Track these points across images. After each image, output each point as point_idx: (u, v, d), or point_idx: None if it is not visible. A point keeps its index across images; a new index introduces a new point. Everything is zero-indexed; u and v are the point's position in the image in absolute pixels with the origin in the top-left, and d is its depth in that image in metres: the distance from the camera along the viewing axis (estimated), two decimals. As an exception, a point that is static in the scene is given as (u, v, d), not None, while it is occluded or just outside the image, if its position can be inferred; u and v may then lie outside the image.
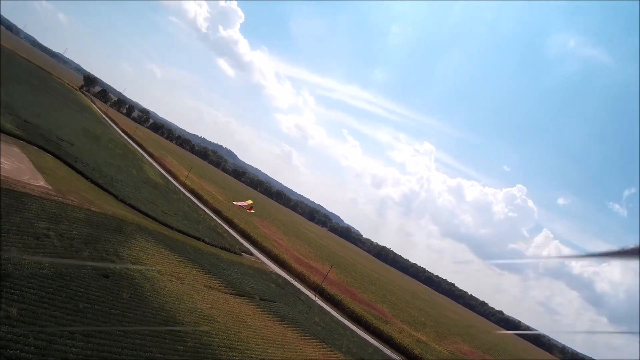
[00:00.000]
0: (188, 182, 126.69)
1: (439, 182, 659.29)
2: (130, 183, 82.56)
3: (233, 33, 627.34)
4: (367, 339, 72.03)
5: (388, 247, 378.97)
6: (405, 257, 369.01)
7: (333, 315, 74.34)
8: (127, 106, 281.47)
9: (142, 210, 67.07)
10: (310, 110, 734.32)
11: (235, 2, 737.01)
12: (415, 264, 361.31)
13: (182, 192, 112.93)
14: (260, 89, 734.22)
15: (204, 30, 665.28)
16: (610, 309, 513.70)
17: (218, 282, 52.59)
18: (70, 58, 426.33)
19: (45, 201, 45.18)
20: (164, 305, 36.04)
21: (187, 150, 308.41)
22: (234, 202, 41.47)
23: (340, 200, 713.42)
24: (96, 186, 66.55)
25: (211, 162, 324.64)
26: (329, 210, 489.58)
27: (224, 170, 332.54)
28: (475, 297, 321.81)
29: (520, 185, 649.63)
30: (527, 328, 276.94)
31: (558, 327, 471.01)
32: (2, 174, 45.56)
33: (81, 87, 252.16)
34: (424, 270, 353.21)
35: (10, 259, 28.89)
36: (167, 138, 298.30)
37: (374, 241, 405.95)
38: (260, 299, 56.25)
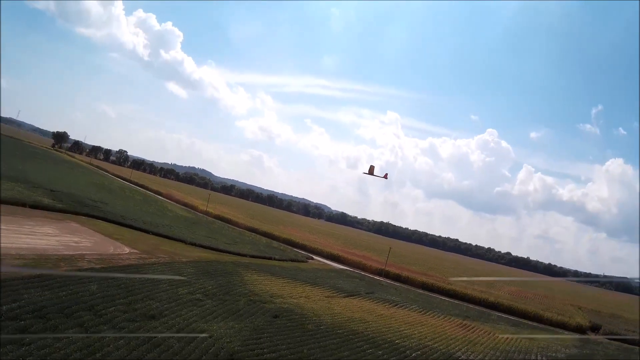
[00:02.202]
0: (210, 210, 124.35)
1: (411, 147, 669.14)
2: (178, 224, 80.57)
3: (176, 54, 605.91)
4: (447, 299, 76.49)
5: (386, 221, 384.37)
6: (404, 226, 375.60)
7: (414, 290, 76.74)
8: (103, 151, 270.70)
9: (213, 247, 65.89)
10: (269, 110, 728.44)
11: (170, 23, 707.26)
12: (417, 230, 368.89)
13: (213, 220, 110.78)
14: (215, 102, 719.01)
15: (146, 58, 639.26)
16: (607, 224, 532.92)
17: (328, 290, 53.36)
18: (23, 120, 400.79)
19: (156, 266, 43.64)
20: (333, 325, 36.22)
21: (172, 179, 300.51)
22: (365, 172, 40.58)
23: (321, 190, 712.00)
24: (160, 237, 64.38)
25: (198, 184, 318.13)
26: (315, 202, 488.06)
27: (213, 189, 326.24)
28: (481, 246, 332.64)
29: (490, 130, 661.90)
30: (537, 262, 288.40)
31: (561, 255, 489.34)
32: (88, 252, 43.35)
33: (53, 146, 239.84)
34: (425, 234, 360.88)
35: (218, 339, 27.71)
36: (150, 173, 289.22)
37: (369, 219, 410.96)
38: (366, 293, 57.29)
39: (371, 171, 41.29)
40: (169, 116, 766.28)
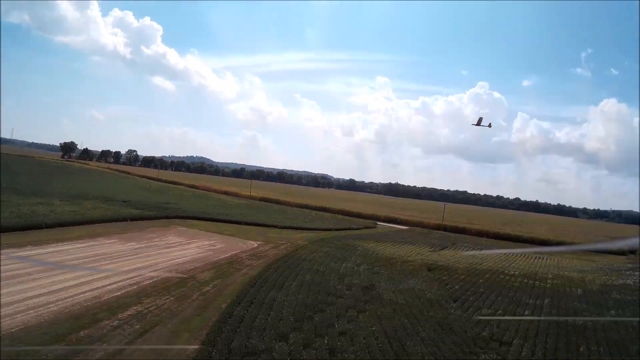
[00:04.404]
0: (254, 194, 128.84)
1: (404, 108, 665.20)
2: (250, 212, 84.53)
3: (157, 48, 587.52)
4: (505, 242, 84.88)
5: (394, 182, 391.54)
6: (412, 185, 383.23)
7: (475, 238, 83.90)
8: (112, 154, 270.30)
9: (302, 227, 71.10)
10: (258, 90, 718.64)
11: (148, 18, 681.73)
12: (425, 186, 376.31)
13: (268, 204, 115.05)
14: (203, 89, 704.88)
15: (128, 56, 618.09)
16: (606, 161, 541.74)
17: (424, 246, 62.07)
18: (16, 137, 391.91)
19: (300, 253, 45.84)
20: (474, 270, 42.00)
21: (184, 171, 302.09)
22: (474, 124, 46.00)
23: (319, 161, 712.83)
24: (251, 225, 67.71)
25: (209, 173, 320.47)
26: (316, 173, 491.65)
27: (224, 175, 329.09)
28: (490, 195, 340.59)
29: (481, 82, 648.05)
30: (546, 204, 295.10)
31: (565, 195, 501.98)
32: (237, 252, 44.40)
33: (62, 157, 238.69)
34: (435, 190, 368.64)
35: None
36: (162, 168, 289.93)
37: (376, 182, 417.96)
38: (452, 244, 65.29)
39: (479, 122, 45.90)
40: (159, 110, 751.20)
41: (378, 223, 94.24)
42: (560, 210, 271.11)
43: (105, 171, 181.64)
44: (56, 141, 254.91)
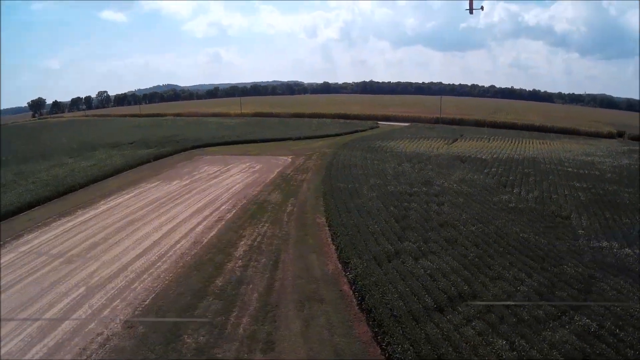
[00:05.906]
0: (245, 111, 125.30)
1: (366, 1, 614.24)
2: (256, 129, 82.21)
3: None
4: (504, 129, 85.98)
5: (367, 80, 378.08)
6: (387, 81, 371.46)
7: (474, 127, 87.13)
8: (83, 100, 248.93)
9: (314, 136, 71.17)
10: (214, 3, 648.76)
11: None
12: (399, 81, 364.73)
13: (263, 119, 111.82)
14: (157, 13, 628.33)
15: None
16: (577, 44, 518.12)
17: (436, 140, 64.02)
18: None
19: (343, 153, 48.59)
20: (499, 158, 44.49)
21: (157, 102, 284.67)
22: (467, 9, 46.15)
23: (289, 68, 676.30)
24: (268, 142, 66.27)
25: (183, 98, 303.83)
26: (287, 80, 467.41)
27: (199, 97, 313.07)
28: (465, 84, 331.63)
29: None
30: (521, 90, 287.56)
31: (538, 80, 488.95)
32: (282, 170, 44.48)
33: (33, 116, 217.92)
34: (410, 84, 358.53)
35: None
36: (134, 104, 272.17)
37: (350, 81, 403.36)
38: (460, 136, 68.94)
39: (471, 5, 45.16)
40: (114, 46, 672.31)
41: (380, 123, 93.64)
42: (536, 96, 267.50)
43: (85, 119, 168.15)
44: (18, 103, 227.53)
